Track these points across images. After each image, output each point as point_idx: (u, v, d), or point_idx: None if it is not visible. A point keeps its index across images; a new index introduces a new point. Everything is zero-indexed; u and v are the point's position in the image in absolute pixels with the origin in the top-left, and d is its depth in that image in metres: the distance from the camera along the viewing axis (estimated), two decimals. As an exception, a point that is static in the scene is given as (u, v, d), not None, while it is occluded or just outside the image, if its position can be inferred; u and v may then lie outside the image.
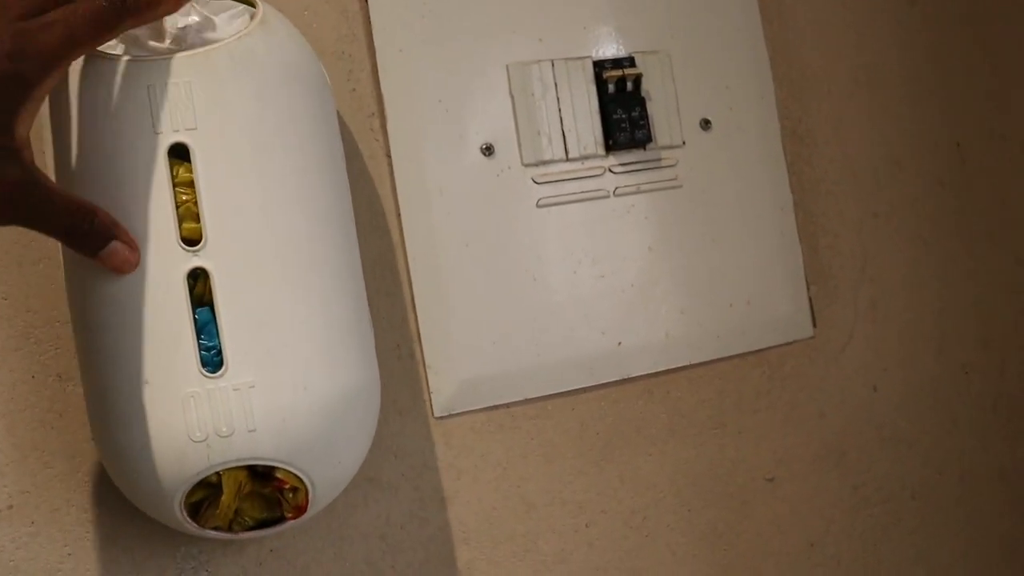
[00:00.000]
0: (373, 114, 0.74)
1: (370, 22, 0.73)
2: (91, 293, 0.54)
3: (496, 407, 0.75)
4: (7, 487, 0.65)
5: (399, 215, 0.73)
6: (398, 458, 0.73)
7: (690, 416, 0.81)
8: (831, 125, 0.87)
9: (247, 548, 0.69)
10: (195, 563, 0.68)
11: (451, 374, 0.74)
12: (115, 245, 0.52)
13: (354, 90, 0.73)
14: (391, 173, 0.73)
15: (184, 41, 0.55)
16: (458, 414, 0.74)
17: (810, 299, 0.84)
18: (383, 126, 0.73)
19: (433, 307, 0.73)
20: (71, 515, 0.66)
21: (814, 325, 0.85)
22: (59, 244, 0.62)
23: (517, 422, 0.76)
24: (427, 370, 0.73)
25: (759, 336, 0.83)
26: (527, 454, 0.76)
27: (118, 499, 0.66)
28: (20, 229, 0.61)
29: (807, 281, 0.84)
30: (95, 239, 0.52)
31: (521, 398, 0.76)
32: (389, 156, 0.73)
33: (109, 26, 0.49)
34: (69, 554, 0.66)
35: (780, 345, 0.84)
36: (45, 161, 0.58)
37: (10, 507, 0.65)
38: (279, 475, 0.57)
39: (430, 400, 0.74)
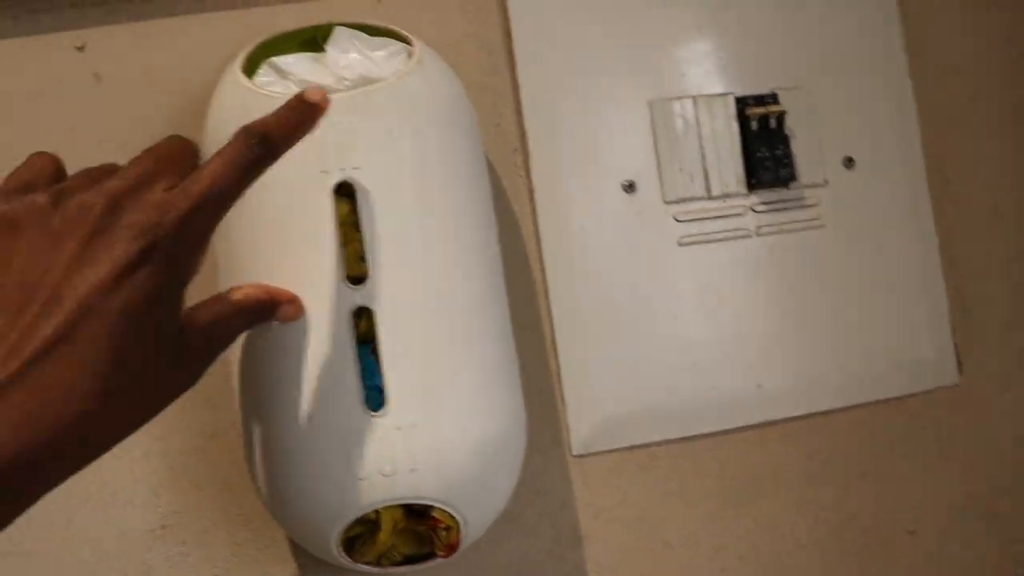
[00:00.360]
0: (516, 150, 0.74)
1: (513, 56, 0.73)
2: (253, 331, 0.55)
3: (634, 447, 0.74)
4: (160, 507, 0.67)
5: (540, 252, 0.73)
6: (537, 496, 0.73)
7: (829, 462, 0.79)
8: (978, 164, 0.84)
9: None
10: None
11: (590, 413, 0.73)
12: (281, 312, 0.52)
13: (498, 125, 0.73)
14: (533, 209, 0.73)
15: (346, 80, 0.56)
16: (596, 453, 0.74)
17: (955, 344, 0.81)
18: (526, 162, 0.73)
19: (573, 345, 0.73)
20: (219, 537, 0.68)
21: (960, 372, 0.82)
22: (214, 262, 0.64)
23: (656, 462, 0.75)
24: (566, 408, 0.73)
25: (902, 382, 0.80)
26: (665, 495, 0.75)
27: (264, 524, 0.67)
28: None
29: (952, 326, 0.81)
30: (263, 317, 0.52)
31: (660, 438, 0.74)
32: (531, 192, 0.73)
33: (256, 165, 0.47)
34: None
35: (923, 392, 0.81)
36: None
37: (164, 527, 0.67)
38: (435, 514, 0.57)
39: (568, 438, 0.73)
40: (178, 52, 0.69)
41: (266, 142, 0.47)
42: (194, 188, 0.45)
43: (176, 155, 0.47)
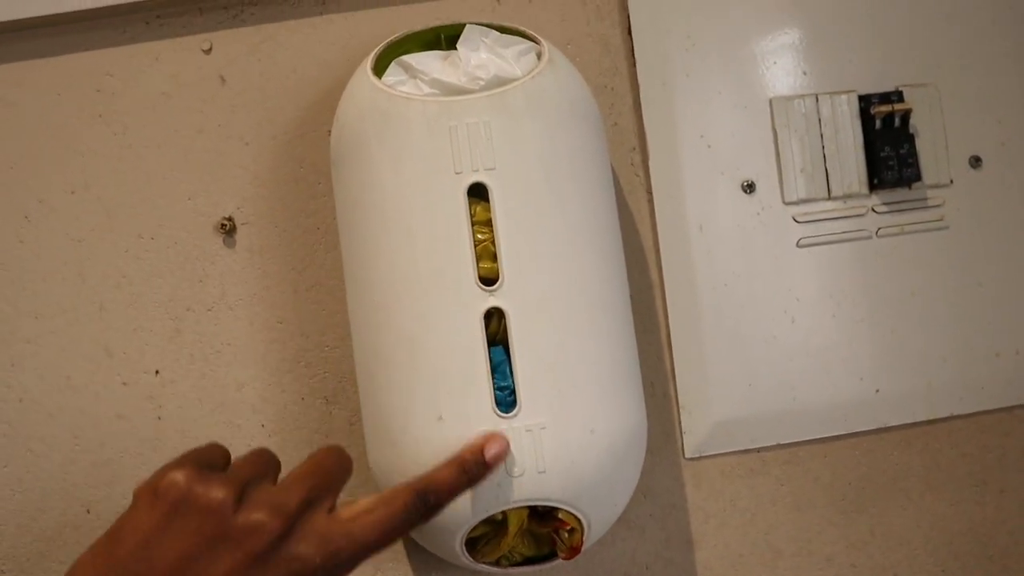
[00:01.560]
0: (634, 148, 0.73)
1: (633, 55, 0.73)
2: (385, 329, 0.55)
3: (747, 451, 0.73)
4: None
5: (658, 252, 0.72)
6: (647, 498, 0.72)
7: (949, 471, 0.77)
8: (1113, 164, 0.81)
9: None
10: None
11: (704, 415, 0.72)
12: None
13: (616, 124, 0.73)
14: (651, 209, 0.73)
15: (479, 79, 0.56)
16: (709, 456, 0.73)
17: (1084, 351, 0.79)
18: (644, 161, 0.73)
19: (689, 346, 0.72)
20: (334, 536, 0.68)
21: (1088, 379, 0.79)
22: (333, 272, 0.65)
23: (768, 467, 0.74)
24: (680, 410, 0.72)
25: (1025, 388, 0.77)
26: (776, 501, 0.74)
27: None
28: (292, 252, 0.64)
29: (1081, 331, 0.78)
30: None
31: (773, 443, 0.73)
32: (649, 192, 0.73)
33: (415, 525, 0.47)
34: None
35: (1049, 399, 0.78)
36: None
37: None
38: (561, 516, 0.56)
39: (682, 440, 0.72)
40: (300, 54, 0.70)
41: (434, 507, 0.48)
42: (358, 534, 0.45)
43: (336, 471, 0.48)
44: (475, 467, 0.51)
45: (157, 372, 0.68)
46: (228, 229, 0.68)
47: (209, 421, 0.68)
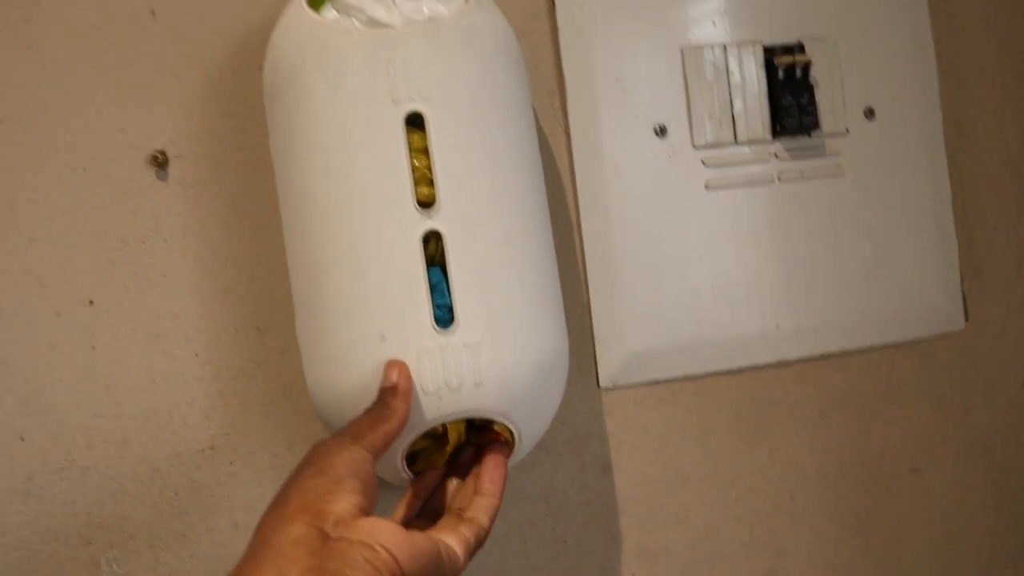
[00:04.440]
0: (554, 92, 0.76)
1: (554, 2, 0.75)
2: (325, 255, 0.57)
3: (658, 382, 0.78)
4: (210, 429, 0.70)
5: (575, 191, 0.76)
6: (565, 425, 0.76)
7: (841, 402, 0.82)
8: (994, 118, 0.87)
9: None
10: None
11: (618, 347, 0.76)
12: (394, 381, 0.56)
13: (536, 68, 0.76)
14: (569, 150, 0.76)
15: (414, 22, 0.58)
16: (622, 387, 0.77)
17: (963, 292, 0.85)
18: (563, 104, 0.76)
19: (604, 282, 0.76)
20: (265, 459, 0.71)
21: (966, 319, 0.85)
22: (265, 204, 0.67)
23: (677, 397, 0.78)
24: (596, 342, 0.76)
25: (911, 326, 0.84)
26: (685, 428, 0.79)
27: (308, 446, 0.69)
28: (225, 185, 0.65)
29: (961, 274, 0.85)
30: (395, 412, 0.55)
31: (682, 374, 0.78)
32: (568, 134, 0.76)
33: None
34: (262, 495, 0.71)
35: (931, 336, 0.84)
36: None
37: (212, 447, 0.70)
38: (496, 427, 0.60)
39: (597, 371, 0.76)
40: (231, -11, 0.71)
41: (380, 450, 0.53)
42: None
43: None
44: (390, 396, 0.55)
45: (91, 303, 0.69)
46: (161, 162, 0.69)
47: (144, 351, 0.69)
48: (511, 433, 0.60)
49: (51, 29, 0.69)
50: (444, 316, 0.57)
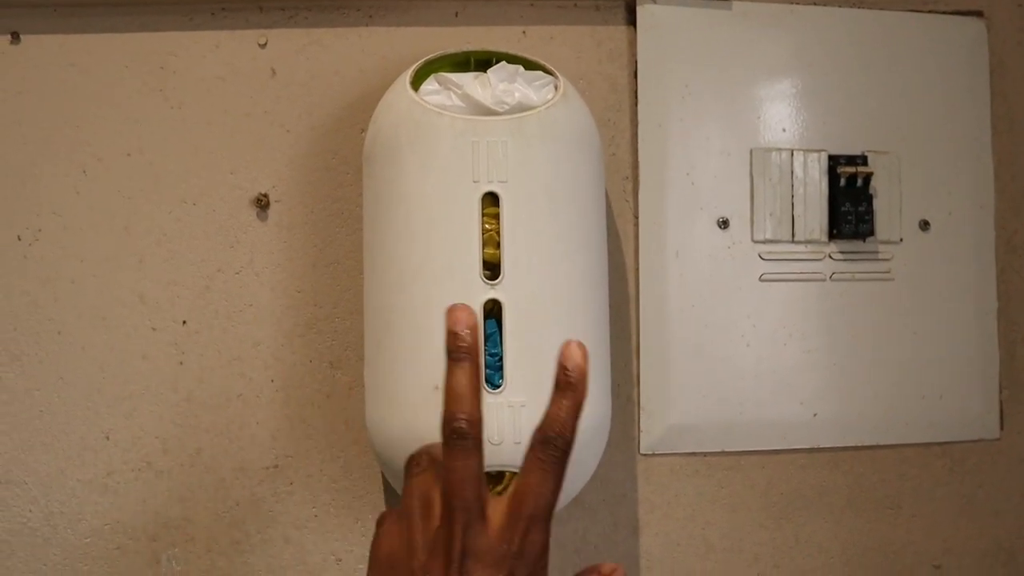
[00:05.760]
0: (627, 178, 0.82)
1: (636, 96, 0.82)
2: (397, 308, 0.64)
3: (695, 454, 0.82)
4: (275, 450, 0.77)
5: (637, 271, 0.81)
6: (603, 485, 0.81)
7: (869, 493, 0.86)
8: (1046, 241, 0.90)
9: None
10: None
11: (661, 418, 0.81)
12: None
13: (614, 154, 0.82)
14: (636, 233, 0.82)
15: (504, 103, 0.65)
16: (661, 454, 0.82)
17: (1001, 402, 0.88)
18: (635, 190, 0.82)
19: (655, 356, 0.81)
20: (322, 483, 0.77)
21: (1001, 427, 0.88)
22: (350, 252, 0.73)
23: (711, 470, 0.83)
24: (640, 411, 0.81)
25: (946, 429, 0.87)
26: (715, 501, 0.83)
27: (362, 476, 0.77)
28: (316, 231, 0.72)
29: (1000, 384, 0.88)
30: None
31: (719, 449, 0.82)
32: (636, 217, 0.82)
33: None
34: (315, 515, 0.77)
35: (966, 441, 0.87)
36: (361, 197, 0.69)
37: (275, 466, 0.77)
38: None
39: (639, 438, 0.81)
40: (343, 58, 0.79)
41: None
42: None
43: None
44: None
45: (184, 322, 0.76)
46: (263, 204, 0.77)
47: (225, 372, 0.76)
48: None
49: (183, 77, 0.77)
50: (494, 364, 0.63)
